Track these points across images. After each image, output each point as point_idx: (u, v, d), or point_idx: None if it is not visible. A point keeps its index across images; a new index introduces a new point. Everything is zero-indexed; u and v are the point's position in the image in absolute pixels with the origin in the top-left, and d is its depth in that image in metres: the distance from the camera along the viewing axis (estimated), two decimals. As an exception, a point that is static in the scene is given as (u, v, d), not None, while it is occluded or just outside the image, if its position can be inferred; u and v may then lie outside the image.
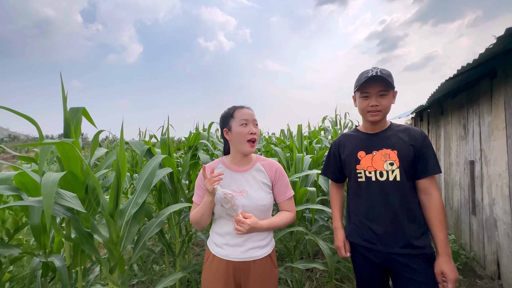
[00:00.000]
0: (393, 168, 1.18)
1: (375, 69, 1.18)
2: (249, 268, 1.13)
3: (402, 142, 1.19)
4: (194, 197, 1.23)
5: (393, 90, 1.20)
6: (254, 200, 1.13)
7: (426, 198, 1.18)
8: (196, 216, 1.15)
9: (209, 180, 1.05)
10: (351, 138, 1.34)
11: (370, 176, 1.22)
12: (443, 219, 1.14)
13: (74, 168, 1.37)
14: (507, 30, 1.66)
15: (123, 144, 1.35)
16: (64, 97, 1.40)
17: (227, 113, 1.21)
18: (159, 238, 1.97)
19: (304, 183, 2.33)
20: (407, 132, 1.22)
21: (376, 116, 1.21)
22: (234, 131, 1.16)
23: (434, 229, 1.15)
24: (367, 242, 1.23)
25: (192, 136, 2.57)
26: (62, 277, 1.46)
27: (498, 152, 2.37)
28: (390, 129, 1.26)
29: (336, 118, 5.19)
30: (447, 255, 1.11)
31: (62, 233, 1.45)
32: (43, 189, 1.00)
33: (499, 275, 2.40)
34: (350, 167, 1.28)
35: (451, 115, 3.54)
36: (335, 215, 1.44)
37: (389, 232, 1.18)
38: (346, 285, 2.42)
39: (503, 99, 2.28)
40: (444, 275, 1.09)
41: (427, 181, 1.17)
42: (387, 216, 1.18)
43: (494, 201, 2.46)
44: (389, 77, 1.16)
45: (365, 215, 1.24)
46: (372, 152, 1.23)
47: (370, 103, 1.20)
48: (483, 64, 2.30)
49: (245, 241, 1.13)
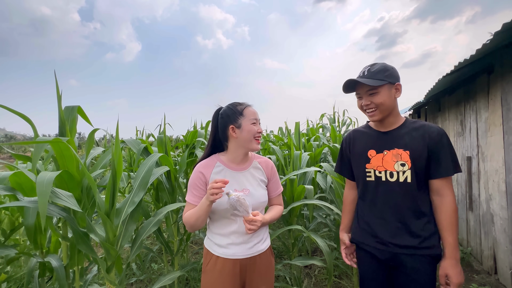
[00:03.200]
0: (404, 169, 1.13)
1: (365, 68, 1.16)
2: (255, 262, 1.16)
3: (416, 141, 1.13)
4: (189, 197, 1.16)
5: (392, 84, 1.13)
6: (256, 198, 1.15)
7: (438, 199, 1.13)
8: (191, 219, 1.09)
9: (217, 188, 0.99)
10: (362, 135, 1.29)
11: (380, 176, 1.18)
12: (454, 222, 1.10)
13: (70, 167, 1.36)
14: (504, 25, 1.65)
15: (118, 142, 1.34)
16: (59, 95, 1.38)
17: (234, 111, 1.18)
18: (157, 237, 1.96)
19: (302, 181, 2.33)
20: (422, 130, 1.14)
21: (373, 116, 1.16)
22: (245, 129, 1.15)
23: (444, 231, 1.11)
24: (374, 242, 1.20)
25: (189, 134, 2.56)
26: (59, 277, 1.45)
27: (495, 148, 2.37)
28: (404, 126, 1.18)
29: (334, 116, 5.19)
30: (455, 259, 1.08)
31: (58, 232, 1.44)
32: (38, 188, 0.99)
33: (495, 269, 2.42)
34: (359, 165, 1.24)
35: (448, 111, 3.55)
36: (343, 221, 1.38)
37: (397, 232, 1.15)
38: (345, 281, 2.43)
39: (499, 95, 2.29)
40: (449, 278, 1.07)
41: (440, 182, 1.11)
42: (396, 217, 1.15)
43: (491, 197, 2.47)
44: (378, 74, 1.11)
45: (373, 215, 1.21)
46: (383, 152, 1.18)
47: (363, 103, 1.18)
48: (480, 60, 2.30)
49: (250, 237, 1.16)
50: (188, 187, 1.18)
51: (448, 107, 3.55)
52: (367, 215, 1.24)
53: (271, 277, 1.22)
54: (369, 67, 1.16)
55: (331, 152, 3.09)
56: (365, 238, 1.24)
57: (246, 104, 1.21)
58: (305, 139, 3.59)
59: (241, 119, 1.16)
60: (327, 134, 4.60)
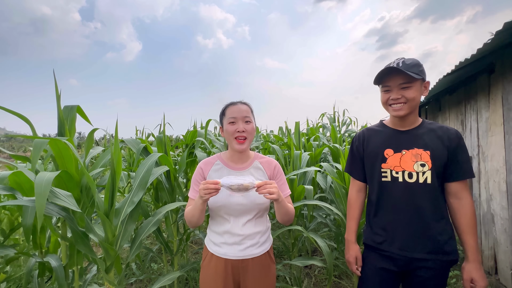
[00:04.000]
0: (424, 170, 1.08)
1: (398, 59, 1.10)
2: (248, 265, 1.13)
3: (437, 141, 1.10)
4: (190, 192, 1.19)
5: (422, 80, 1.09)
6: (252, 199, 1.12)
7: (456, 202, 1.10)
8: (187, 215, 1.13)
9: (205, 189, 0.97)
10: (376, 133, 1.23)
11: (396, 177, 1.12)
12: (474, 224, 1.08)
13: (69, 167, 1.35)
14: (506, 24, 1.65)
15: (117, 142, 1.33)
16: (58, 95, 1.38)
17: (221, 111, 1.21)
18: (156, 236, 1.96)
19: (302, 181, 2.32)
20: (440, 131, 1.12)
21: (399, 111, 1.10)
22: (225, 129, 1.16)
23: (464, 234, 1.08)
24: (390, 247, 1.14)
25: (189, 134, 2.55)
26: (59, 277, 1.45)
27: (496, 148, 2.37)
28: (422, 126, 1.15)
29: (334, 115, 5.19)
30: (478, 262, 1.06)
31: (57, 232, 1.44)
32: (37, 188, 0.98)
33: (496, 270, 2.41)
34: (374, 165, 1.19)
35: (449, 111, 3.54)
36: (350, 227, 1.31)
37: (415, 236, 1.10)
38: (345, 281, 2.42)
39: (500, 94, 2.28)
40: (474, 282, 1.05)
41: (459, 184, 1.10)
42: (414, 220, 1.11)
43: (491, 197, 2.46)
44: (413, 67, 1.06)
45: (389, 218, 1.16)
46: (402, 151, 1.13)
47: (391, 96, 1.11)
48: (481, 60, 2.29)
49: (243, 239, 1.12)
50: (191, 183, 1.20)
51: (448, 107, 3.54)
52: (382, 218, 1.19)
53: (269, 284, 1.17)
54: (402, 59, 1.10)
55: (331, 152, 3.09)
56: (379, 243, 1.18)
57: (229, 103, 1.19)
58: (305, 139, 3.58)
59: (223, 119, 1.18)
60: (327, 134, 4.60)
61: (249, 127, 1.14)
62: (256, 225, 1.15)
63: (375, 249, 1.20)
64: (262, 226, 1.18)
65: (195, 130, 2.52)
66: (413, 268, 1.12)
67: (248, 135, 1.14)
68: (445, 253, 1.09)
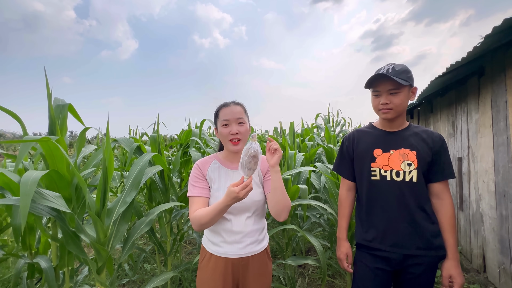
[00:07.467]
0: (411, 169, 1.15)
1: (388, 65, 1.15)
2: (248, 263, 1.14)
3: (422, 143, 1.17)
4: (190, 191, 1.13)
5: (410, 86, 1.15)
6: (250, 196, 1.13)
7: (438, 202, 1.17)
8: (204, 218, 1.02)
9: (247, 190, 0.93)
10: (366, 134, 1.28)
11: (385, 175, 1.18)
12: (454, 224, 1.14)
13: (60, 166, 1.33)
14: (494, 28, 1.68)
15: (109, 141, 1.31)
16: (49, 92, 1.35)
17: (215, 112, 1.21)
18: (149, 237, 1.94)
19: (297, 181, 2.33)
20: (425, 134, 1.19)
21: (387, 114, 1.17)
22: (219, 131, 1.17)
23: (445, 233, 1.14)
24: (382, 244, 1.18)
25: (183, 134, 2.54)
26: (49, 278, 1.42)
27: (485, 149, 2.42)
28: (409, 129, 1.22)
29: (329, 116, 5.23)
30: (457, 259, 1.12)
31: (48, 233, 1.41)
32: (22, 188, 0.96)
33: (484, 268, 2.47)
34: (364, 164, 1.23)
35: (440, 112, 3.61)
36: (341, 225, 1.35)
37: (405, 233, 1.15)
38: (338, 280, 2.44)
39: (490, 97, 2.33)
40: (452, 279, 1.11)
41: (441, 185, 1.16)
42: (403, 217, 1.15)
43: (480, 197, 2.52)
44: (402, 74, 1.11)
45: (379, 216, 1.20)
46: (390, 151, 1.19)
47: (380, 101, 1.17)
48: (471, 63, 2.34)
49: (243, 237, 1.13)
50: (188, 185, 1.17)
51: (440, 109, 3.61)
52: (372, 216, 1.22)
53: (266, 281, 1.19)
54: (392, 65, 1.15)
55: (326, 153, 3.11)
56: (370, 241, 1.21)
57: (222, 104, 1.19)
58: (299, 140, 3.59)
59: (217, 121, 1.19)
60: (321, 134, 4.63)
61: (243, 129, 1.14)
62: (255, 223, 1.17)
63: (368, 248, 1.23)
64: (260, 223, 1.20)
65: (189, 130, 2.50)
66: (406, 266, 1.16)
67: (242, 137, 1.14)
68: (435, 248, 1.14)
